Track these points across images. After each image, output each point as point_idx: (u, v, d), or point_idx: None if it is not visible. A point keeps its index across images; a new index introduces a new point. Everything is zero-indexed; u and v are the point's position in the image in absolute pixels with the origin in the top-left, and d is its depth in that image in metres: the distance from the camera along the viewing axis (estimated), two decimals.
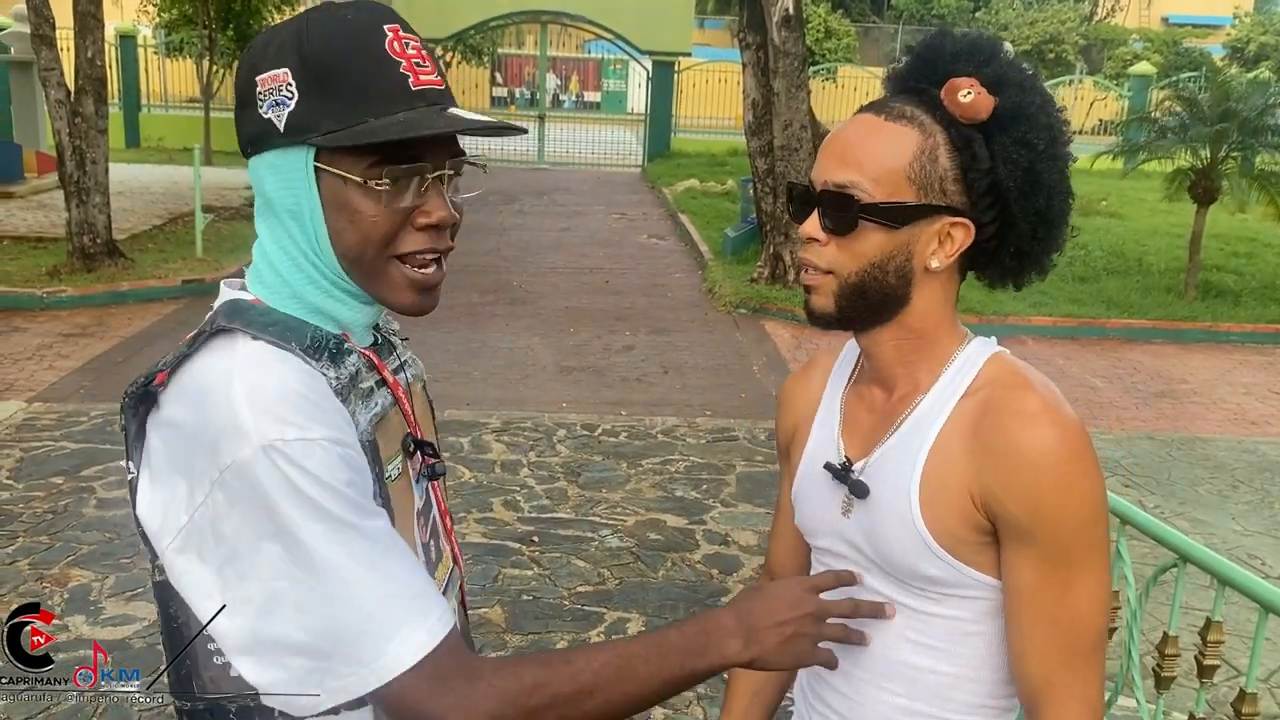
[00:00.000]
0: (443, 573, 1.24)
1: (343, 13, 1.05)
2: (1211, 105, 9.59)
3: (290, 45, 1.03)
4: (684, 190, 16.37)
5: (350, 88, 1.02)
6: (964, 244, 1.17)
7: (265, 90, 1.03)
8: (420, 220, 1.06)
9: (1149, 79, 21.59)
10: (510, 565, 4.34)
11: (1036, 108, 1.15)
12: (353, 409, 1.04)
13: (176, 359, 1.03)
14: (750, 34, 10.30)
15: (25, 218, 11.60)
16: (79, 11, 8.90)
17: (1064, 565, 1.11)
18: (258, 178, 1.07)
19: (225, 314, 1.05)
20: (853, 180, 1.14)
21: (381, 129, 1.01)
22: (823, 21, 34.80)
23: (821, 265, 1.18)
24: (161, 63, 21.98)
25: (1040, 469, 1.10)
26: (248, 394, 0.96)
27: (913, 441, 1.19)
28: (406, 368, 1.26)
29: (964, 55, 1.17)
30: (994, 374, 1.19)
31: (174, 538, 0.99)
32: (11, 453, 5.32)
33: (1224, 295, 9.93)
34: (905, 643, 1.22)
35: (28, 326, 7.80)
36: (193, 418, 0.98)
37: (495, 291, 9.55)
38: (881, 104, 1.19)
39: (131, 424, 1.05)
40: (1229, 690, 3.49)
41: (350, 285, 1.09)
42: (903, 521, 1.18)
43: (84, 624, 3.71)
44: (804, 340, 8.44)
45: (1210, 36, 39.81)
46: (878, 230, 1.15)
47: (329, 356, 1.05)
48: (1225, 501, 5.56)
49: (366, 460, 1.03)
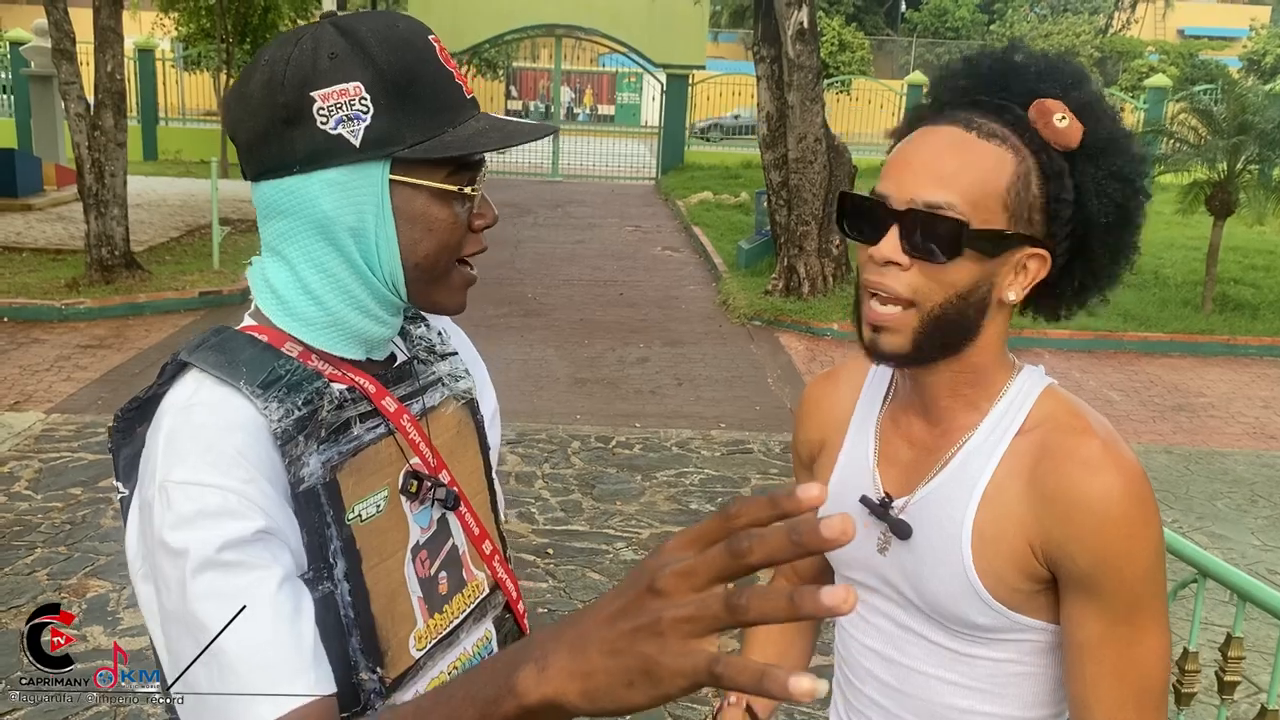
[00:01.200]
0: (462, 603, 1.18)
1: (392, 22, 1.04)
2: (1228, 118, 9.55)
3: (353, 58, 1.00)
4: (698, 203, 16.40)
5: (427, 100, 1.02)
6: (1039, 276, 1.10)
7: (330, 105, 0.99)
8: (477, 223, 1.09)
9: (1165, 91, 21.53)
10: (525, 578, 4.34)
11: (1128, 139, 1.10)
12: (300, 451, 1.00)
13: (154, 388, 1.05)
14: (765, 47, 10.33)
15: (44, 230, 11.70)
16: (99, 26, 8.99)
17: (1130, 617, 1.07)
18: (306, 198, 1.02)
19: (189, 346, 1.05)
20: (949, 201, 1.04)
21: (473, 139, 1.03)
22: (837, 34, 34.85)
23: (903, 293, 1.07)
24: (179, 76, 22.18)
25: (1106, 520, 1.05)
26: (168, 433, 0.97)
27: (963, 483, 1.12)
28: (431, 391, 1.19)
29: (1048, 76, 1.10)
30: (1049, 412, 1.12)
31: (141, 564, 1.00)
32: (30, 463, 5.36)
33: (1242, 308, 9.88)
34: (948, 686, 1.17)
35: (46, 338, 7.86)
36: (146, 449, 1.01)
37: (510, 304, 9.58)
38: (965, 119, 1.09)
39: (124, 448, 1.05)
40: (1250, 707, 3.46)
41: (398, 298, 1.08)
42: (952, 569, 1.12)
43: (102, 634, 3.72)
44: (818, 353, 8.43)
45: (1226, 49, 39.70)
46: (973, 258, 1.06)
47: (282, 393, 1.00)
48: (1244, 516, 5.52)
49: (292, 511, 0.99)
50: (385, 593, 1.07)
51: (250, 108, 1.02)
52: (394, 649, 1.08)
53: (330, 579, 1.01)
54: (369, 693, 1.04)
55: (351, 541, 1.03)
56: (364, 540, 1.04)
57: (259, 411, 0.99)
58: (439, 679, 1.15)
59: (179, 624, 0.94)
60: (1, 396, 6.42)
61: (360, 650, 1.03)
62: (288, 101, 0.99)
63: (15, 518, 4.68)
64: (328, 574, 1.01)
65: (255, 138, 1.02)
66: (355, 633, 1.02)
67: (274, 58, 1.01)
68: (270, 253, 1.08)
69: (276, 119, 1.00)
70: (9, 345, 7.61)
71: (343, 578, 1.02)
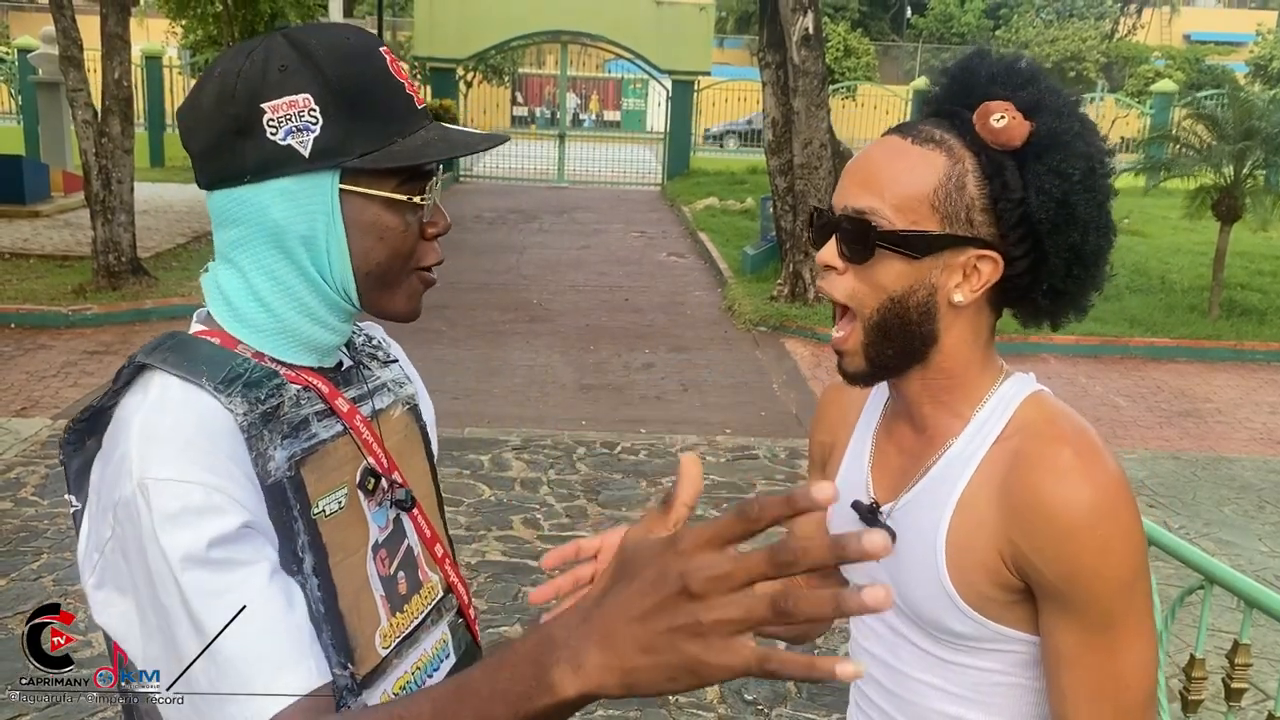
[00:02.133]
0: (420, 604, 1.20)
1: (342, 35, 1.06)
2: (1234, 123, 9.54)
3: (302, 70, 1.02)
4: (703, 208, 16.41)
5: (376, 110, 1.04)
6: (991, 278, 1.09)
7: (280, 116, 1.01)
8: (430, 230, 1.11)
9: (1171, 96, 21.52)
10: (530, 584, 4.34)
11: (1073, 135, 1.07)
12: (265, 446, 1.02)
13: (108, 396, 1.05)
14: (770, 53, 10.34)
15: (52, 236, 11.74)
16: (106, 33, 9.02)
17: (1106, 629, 1.04)
18: (257, 207, 1.04)
19: (146, 349, 1.07)
20: (872, 206, 1.07)
21: (421, 149, 1.05)
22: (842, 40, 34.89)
23: (840, 297, 1.11)
24: (186, 83, 22.23)
25: (1073, 532, 1.02)
26: (141, 432, 0.98)
27: (941, 490, 1.12)
28: (379, 394, 1.22)
29: (1000, 78, 1.10)
30: (1028, 419, 1.11)
31: (91, 573, 1.02)
32: (36, 469, 5.37)
33: (1248, 313, 9.86)
34: (935, 692, 1.17)
35: (53, 344, 7.88)
36: (106, 454, 1.01)
37: (515, 309, 9.59)
38: (909, 126, 1.12)
39: (74, 460, 1.07)
40: (1257, 714, 3.44)
41: (350, 305, 1.10)
42: (928, 575, 1.12)
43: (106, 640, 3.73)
44: (824, 359, 8.42)
45: (1233, 54, 39.66)
46: (897, 260, 1.08)
47: (243, 390, 1.03)
48: (1251, 522, 5.50)
49: (264, 504, 1.00)
50: (351, 590, 1.09)
51: (202, 118, 1.04)
52: (361, 646, 1.09)
53: (300, 573, 1.02)
54: (341, 689, 1.05)
55: (318, 536, 1.05)
56: (329, 535, 1.06)
57: (224, 406, 1.01)
58: (404, 679, 1.17)
59: (171, 622, 0.95)
60: (8, 402, 6.44)
61: (331, 646, 1.04)
62: (238, 113, 1.02)
63: (21, 523, 4.69)
64: (297, 568, 1.02)
65: (207, 148, 1.05)
66: (326, 628, 1.04)
67: (225, 70, 1.03)
68: (223, 260, 1.10)
69: (228, 130, 1.02)
70: (16, 351, 7.64)
71: (311, 572, 1.03)
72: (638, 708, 3.48)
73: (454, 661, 1.28)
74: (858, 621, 1.29)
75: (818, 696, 3.58)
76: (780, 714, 3.49)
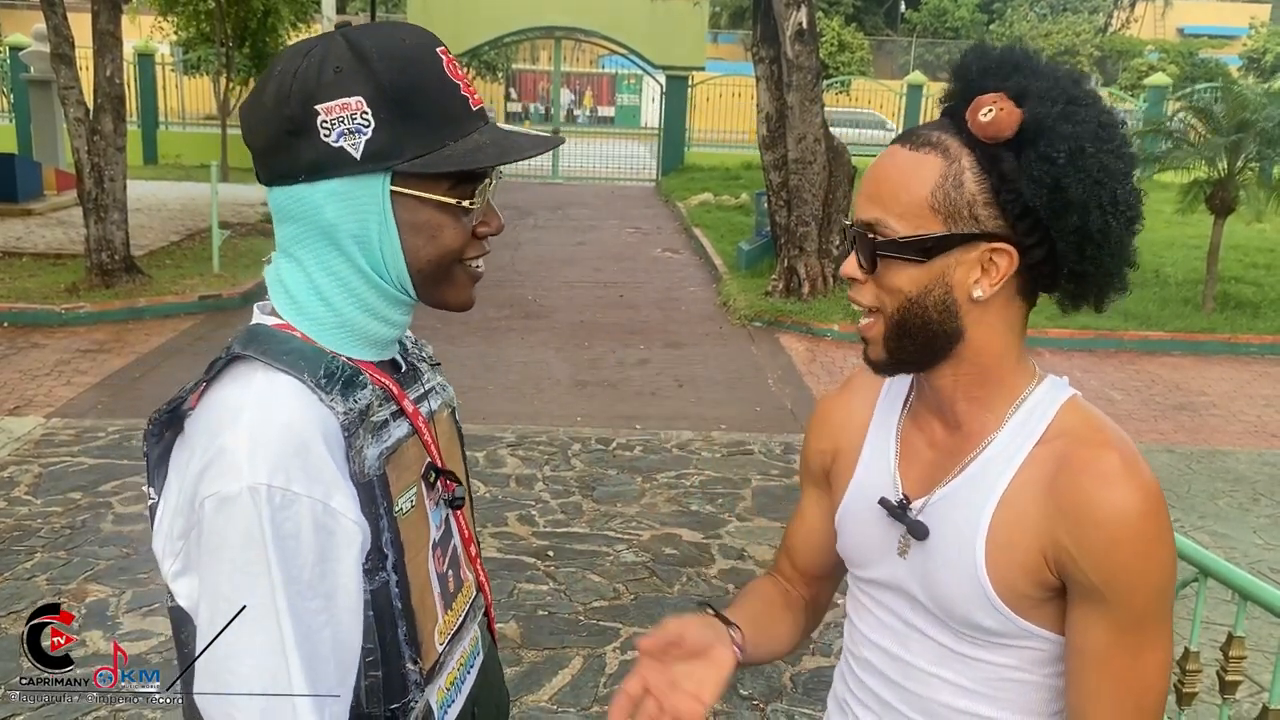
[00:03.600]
0: (462, 602, 1.25)
1: (399, 36, 1.06)
2: (1228, 116, 9.55)
3: (356, 73, 1.03)
4: (698, 204, 16.41)
5: (429, 114, 1.05)
6: (1009, 270, 1.09)
7: (333, 119, 1.02)
8: (481, 230, 1.13)
9: (1165, 90, 21.53)
10: (525, 580, 4.34)
11: (1055, 118, 1.06)
12: (361, 444, 1.05)
13: (198, 385, 1.06)
14: (764, 48, 10.32)
15: (44, 234, 11.71)
16: (98, 30, 8.99)
17: (1136, 630, 1.07)
18: (312, 205, 1.06)
19: (243, 340, 1.07)
20: (877, 217, 1.10)
21: (472, 154, 1.06)
22: (836, 35, 34.87)
23: (865, 301, 1.14)
24: (179, 80, 22.19)
25: (1119, 535, 1.05)
26: (251, 430, 0.99)
27: (981, 487, 1.13)
28: (432, 396, 1.25)
29: (991, 70, 1.10)
30: (1070, 424, 1.13)
31: (174, 561, 1.03)
32: (30, 468, 5.36)
33: (1243, 307, 9.87)
34: (947, 685, 1.18)
35: (46, 343, 7.86)
36: (202, 444, 1.01)
37: (510, 306, 9.58)
38: (909, 133, 1.14)
39: (154, 450, 1.08)
40: (1252, 706, 3.45)
41: (406, 296, 1.12)
42: (965, 571, 1.13)
43: (101, 639, 3.72)
44: (819, 354, 8.43)
45: (1226, 47, 39.71)
46: (906, 265, 1.10)
47: (341, 389, 1.05)
48: (1246, 515, 5.51)
49: (359, 509, 1.03)
50: (419, 586, 1.13)
51: (261, 117, 1.06)
52: (425, 641, 1.13)
53: (385, 569, 1.06)
54: (411, 683, 1.10)
55: (398, 533, 1.08)
56: (405, 532, 1.10)
57: (325, 404, 1.03)
58: (452, 675, 1.21)
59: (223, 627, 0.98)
60: (1, 401, 6.42)
61: (404, 640, 1.09)
62: (293, 114, 1.03)
63: (15, 523, 4.67)
64: (383, 564, 1.06)
65: (266, 146, 1.07)
66: (402, 623, 1.08)
67: (284, 70, 1.05)
68: (284, 254, 1.12)
69: (283, 130, 1.04)
70: (9, 350, 7.61)
71: (392, 569, 1.07)
72: None
73: (482, 659, 1.31)
74: (863, 610, 1.29)
75: (813, 691, 3.59)
76: (776, 709, 3.49)
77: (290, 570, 0.97)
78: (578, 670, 3.68)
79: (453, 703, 1.20)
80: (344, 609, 1.02)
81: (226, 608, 0.97)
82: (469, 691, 1.25)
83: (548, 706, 3.46)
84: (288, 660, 0.96)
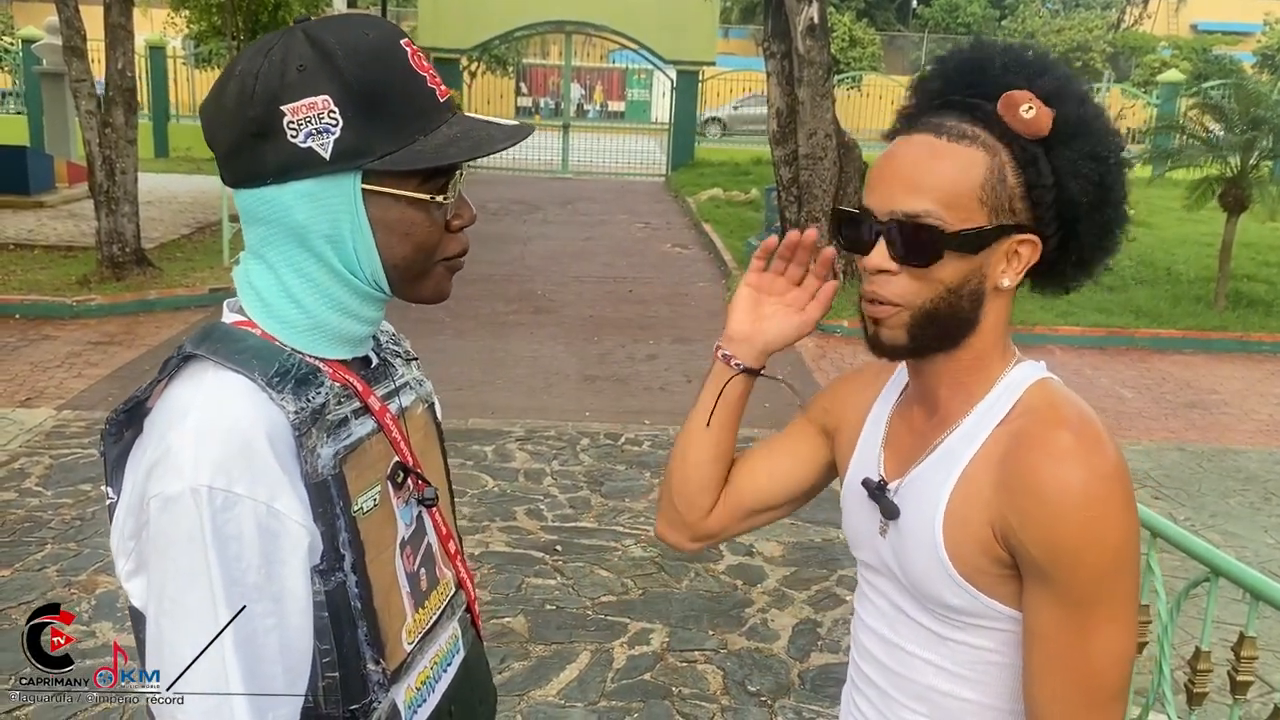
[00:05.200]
0: (438, 599, 1.23)
1: (361, 30, 1.04)
2: (1241, 113, 9.49)
3: (320, 71, 1.00)
4: (707, 199, 16.38)
5: (397, 109, 1.03)
6: (1031, 260, 1.14)
7: (299, 119, 1.00)
8: (455, 223, 1.12)
9: (1177, 87, 21.41)
10: (533, 575, 4.34)
11: (1098, 119, 1.13)
12: (314, 443, 1.03)
13: (155, 384, 1.05)
14: (775, 43, 10.29)
15: (56, 227, 11.74)
16: (109, 24, 9.01)
17: (1080, 611, 1.06)
18: (281, 207, 1.04)
19: (195, 339, 1.06)
20: (926, 209, 1.09)
21: (443, 149, 1.04)
22: (848, 30, 34.78)
23: (894, 298, 1.13)
24: (190, 73, 22.23)
25: (1060, 512, 1.05)
26: (197, 431, 0.98)
27: (944, 467, 1.16)
28: (404, 392, 1.23)
29: (1014, 67, 1.13)
30: (1033, 403, 1.14)
31: (126, 560, 1.03)
32: (41, 459, 5.38)
33: (1255, 305, 9.82)
34: (931, 668, 1.20)
35: (58, 335, 7.88)
36: (152, 443, 1.01)
37: (519, 300, 9.58)
38: (936, 125, 1.13)
39: (112, 450, 1.07)
40: (1263, 707, 3.44)
41: (380, 293, 1.11)
42: (928, 548, 1.15)
43: (111, 630, 3.73)
44: (828, 349, 8.41)
45: (1240, 44, 39.46)
46: (957, 257, 1.11)
47: (293, 387, 1.04)
48: (1257, 514, 5.48)
49: (309, 510, 1.02)
50: (383, 586, 1.11)
51: (224, 120, 1.04)
52: (391, 641, 1.12)
53: (341, 569, 1.05)
54: (374, 684, 1.08)
55: (357, 533, 1.06)
56: (366, 532, 1.08)
57: (275, 404, 1.02)
58: (424, 674, 1.20)
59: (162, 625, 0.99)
60: (13, 393, 6.44)
61: (366, 641, 1.07)
62: (257, 115, 1.01)
63: (26, 514, 4.70)
64: (339, 565, 1.04)
65: (230, 149, 1.04)
66: (362, 623, 1.07)
67: (245, 70, 1.02)
68: (254, 256, 1.10)
69: (248, 132, 1.02)
70: (20, 342, 7.64)
71: (350, 569, 1.05)
72: (641, 699, 3.48)
73: (463, 656, 1.29)
74: (862, 598, 1.32)
75: (821, 688, 3.58)
76: (784, 705, 3.49)
77: (232, 572, 0.96)
78: (585, 665, 3.68)
79: (424, 701, 1.19)
80: (292, 611, 1.00)
81: (170, 608, 0.97)
82: (445, 690, 1.24)
83: (555, 701, 3.46)
84: (225, 662, 0.96)
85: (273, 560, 0.99)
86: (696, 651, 3.80)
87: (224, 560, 0.96)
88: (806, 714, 3.45)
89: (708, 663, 3.73)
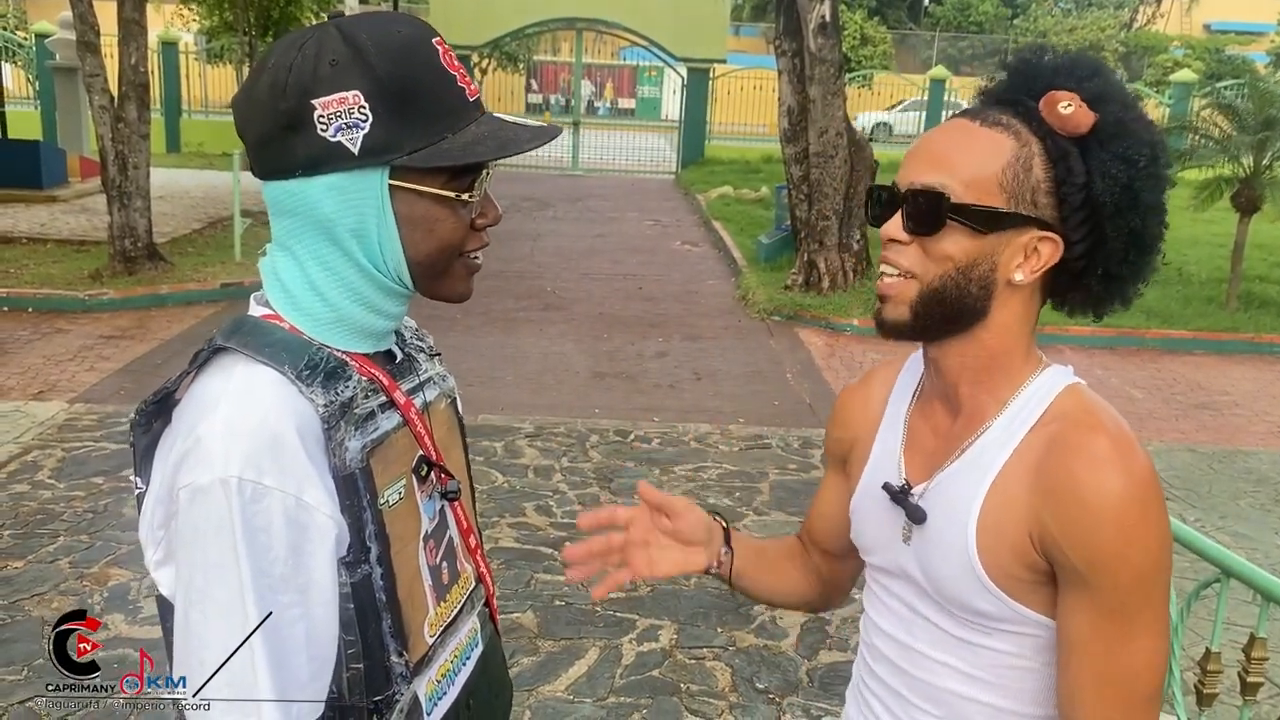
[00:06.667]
0: (459, 593, 1.25)
1: (393, 28, 1.05)
2: (1254, 113, 9.45)
3: (353, 66, 1.02)
4: (718, 197, 16.38)
5: (426, 107, 1.04)
6: (1051, 260, 1.13)
7: (330, 113, 1.01)
8: (480, 222, 1.13)
9: (1190, 86, 21.33)
10: (543, 570, 4.35)
11: (1141, 124, 1.13)
12: (342, 437, 1.04)
13: (185, 376, 1.06)
14: (786, 41, 10.29)
15: (68, 221, 11.79)
16: (123, 19, 9.04)
17: (1120, 617, 1.06)
18: (309, 200, 1.05)
19: (226, 332, 1.07)
20: (943, 182, 1.12)
21: (471, 148, 1.06)
22: (859, 28, 34.72)
23: (904, 265, 1.15)
24: (202, 69, 22.31)
25: (1103, 517, 1.05)
26: (227, 422, 0.99)
27: (976, 471, 1.15)
28: (428, 386, 1.25)
29: (1064, 70, 1.15)
30: (1066, 408, 1.14)
31: (155, 550, 1.05)
32: (53, 452, 5.41)
33: (1267, 306, 9.78)
34: (951, 671, 1.20)
35: (70, 328, 7.92)
36: (182, 434, 1.02)
37: (529, 297, 9.59)
38: (976, 111, 1.17)
39: (141, 440, 1.08)
40: (1272, 708, 3.43)
41: (403, 288, 1.12)
42: (957, 553, 1.14)
43: (123, 622, 3.76)
44: (838, 348, 8.41)
45: (1253, 44, 39.28)
46: (963, 232, 1.12)
47: (323, 381, 1.05)
48: (1268, 516, 5.47)
49: (336, 503, 1.03)
50: (407, 579, 1.12)
51: (255, 112, 1.05)
52: (414, 634, 1.13)
53: (367, 561, 1.06)
54: (397, 676, 1.10)
55: (383, 525, 1.07)
56: (391, 525, 1.09)
57: (304, 397, 1.03)
58: (445, 667, 1.21)
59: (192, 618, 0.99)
60: (25, 386, 6.48)
61: (390, 634, 1.08)
62: (289, 108, 1.02)
63: (38, 506, 4.72)
64: (365, 557, 1.06)
65: (260, 141, 1.06)
66: (387, 616, 1.08)
67: (278, 63, 1.04)
68: (280, 248, 1.11)
69: (279, 125, 1.03)
70: (33, 335, 7.68)
71: (376, 561, 1.07)
72: (649, 695, 3.49)
73: (481, 650, 1.30)
74: (873, 599, 1.31)
75: (830, 686, 3.59)
76: (792, 703, 3.50)
77: (260, 564, 0.97)
78: (594, 661, 3.69)
79: (444, 694, 1.20)
80: (318, 603, 1.01)
81: (199, 598, 0.98)
82: (464, 682, 1.25)
83: (564, 697, 3.47)
84: (253, 651, 0.97)
85: (301, 552, 1.00)
86: (705, 648, 3.81)
87: (253, 551, 0.97)
88: (815, 711, 3.46)
89: (716, 660, 3.74)
